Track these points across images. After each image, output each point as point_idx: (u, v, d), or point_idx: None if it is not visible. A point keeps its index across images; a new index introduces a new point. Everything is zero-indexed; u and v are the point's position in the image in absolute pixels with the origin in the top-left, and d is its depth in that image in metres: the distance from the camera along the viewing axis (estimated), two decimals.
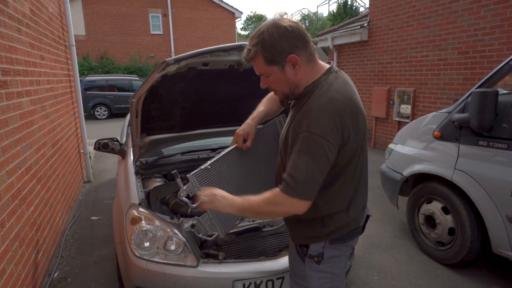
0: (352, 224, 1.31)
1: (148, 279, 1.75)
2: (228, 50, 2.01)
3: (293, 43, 1.10)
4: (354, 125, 1.13)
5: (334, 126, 1.07)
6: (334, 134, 1.08)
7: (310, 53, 1.16)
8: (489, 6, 4.70)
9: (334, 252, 1.30)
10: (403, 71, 6.30)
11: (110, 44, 17.69)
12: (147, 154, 2.67)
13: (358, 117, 1.15)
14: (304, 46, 1.13)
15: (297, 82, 1.18)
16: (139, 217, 1.88)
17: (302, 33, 1.12)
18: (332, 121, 1.07)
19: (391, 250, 3.07)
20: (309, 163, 1.08)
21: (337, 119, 1.08)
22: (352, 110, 1.13)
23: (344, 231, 1.29)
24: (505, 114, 2.28)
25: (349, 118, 1.11)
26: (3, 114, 2.04)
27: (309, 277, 1.31)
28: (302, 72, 1.16)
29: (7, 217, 1.95)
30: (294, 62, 1.13)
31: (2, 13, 2.16)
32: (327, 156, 1.08)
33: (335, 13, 24.24)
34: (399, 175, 3.13)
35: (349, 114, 1.11)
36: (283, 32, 1.09)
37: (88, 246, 3.15)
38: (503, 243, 2.32)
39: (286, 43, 1.10)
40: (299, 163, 1.09)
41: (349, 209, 1.27)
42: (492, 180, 2.34)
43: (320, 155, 1.07)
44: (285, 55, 1.11)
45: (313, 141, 1.07)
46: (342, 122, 1.09)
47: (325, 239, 1.27)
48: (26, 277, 2.17)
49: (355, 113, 1.14)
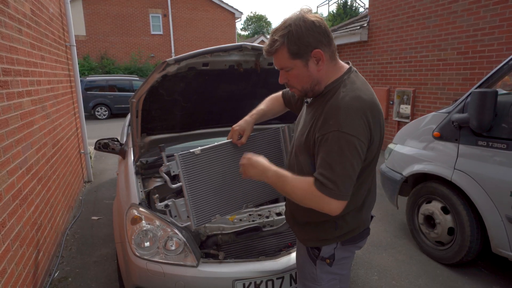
0: (362, 226, 1.32)
1: (148, 279, 1.76)
2: (228, 51, 2.01)
3: (318, 38, 1.09)
4: (378, 124, 1.12)
5: (364, 124, 1.06)
6: (364, 133, 1.07)
7: (333, 51, 1.15)
8: (489, 7, 4.71)
9: (344, 254, 1.29)
10: (403, 71, 6.30)
11: (110, 44, 17.71)
12: (147, 154, 2.68)
13: (381, 116, 1.15)
14: (329, 43, 1.12)
15: (319, 79, 1.16)
16: (139, 217, 1.89)
17: (327, 30, 1.11)
18: (362, 120, 1.06)
19: (391, 250, 3.08)
20: (344, 163, 1.05)
21: (365, 117, 1.07)
22: (376, 109, 1.13)
23: (356, 233, 1.28)
24: (504, 114, 2.29)
25: (374, 117, 1.10)
26: (4, 114, 2.04)
27: (319, 280, 1.30)
28: (324, 68, 1.15)
29: (7, 217, 1.96)
30: (319, 57, 1.11)
31: (3, 14, 2.17)
32: (359, 155, 1.07)
33: (335, 14, 24.25)
34: (399, 175, 3.13)
35: (375, 113, 1.11)
36: (311, 26, 1.08)
37: (89, 246, 3.16)
38: (502, 242, 2.33)
39: (313, 37, 1.08)
40: (333, 163, 1.06)
41: (362, 209, 1.27)
42: (491, 180, 2.34)
43: (353, 154, 1.05)
44: (310, 49, 1.10)
45: (345, 141, 1.05)
46: (370, 121, 1.08)
47: (337, 241, 1.26)
48: (26, 277, 2.17)
49: (378, 112, 1.13)
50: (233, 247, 2.00)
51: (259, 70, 2.26)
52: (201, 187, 1.57)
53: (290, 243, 2.06)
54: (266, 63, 2.27)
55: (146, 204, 2.09)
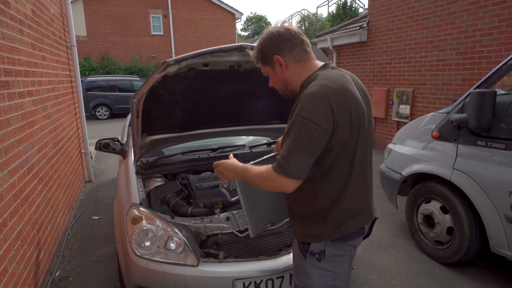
0: (354, 225, 1.30)
1: (149, 278, 1.77)
2: (229, 51, 2.02)
3: (279, 46, 1.25)
4: (344, 111, 1.15)
5: (324, 109, 1.12)
6: (323, 117, 1.12)
7: (298, 54, 1.27)
8: (487, 7, 4.72)
9: (336, 251, 1.31)
10: (402, 72, 6.32)
11: (111, 44, 17.72)
12: (148, 154, 2.69)
13: (350, 104, 1.17)
14: (290, 48, 1.25)
15: (287, 79, 1.31)
16: (140, 217, 1.90)
17: (290, 37, 1.24)
18: (322, 105, 1.12)
19: (390, 249, 3.09)
20: (297, 144, 1.13)
21: (327, 103, 1.12)
22: (344, 95, 1.16)
23: (346, 232, 1.28)
24: (503, 114, 2.30)
25: (340, 103, 1.14)
26: (5, 114, 2.05)
27: (310, 274, 1.33)
28: (290, 70, 1.28)
29: (9, 217, 1.97)
30: (279, 62, 1.27)
31: (4, 14, 2.18)
32: (315, 139, 1.12)
33: (335, 14, 24.25)
34: (398, 175, 3.15)
35: (340, 99, 1.15)
36: (271, 37, 1.26)
37: (89, 246, 3.17)
38: (501, 242, 2.34)
39: (272, 46, 1.26)
40: (290, 144, 1.15)
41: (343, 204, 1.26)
42: (490, 179, 2.36)
43: (307, 137, 1.12)
44: (271, 56, 1.27)
45: (302, 124, 1.12)
46: (333, 106, 1.12)
47: (326, 239, 1.28)
48: (27, 276, 2.18)
49: (345, 98, 1.16)
50: (233, 247, 2.01)
51: (259, 70, 2.27)
52: (255, 198, 1.64)
53: (290, 242, 2.07)
54: None
55: (147, 204, 2.10)
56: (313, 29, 28.78)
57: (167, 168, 2.72)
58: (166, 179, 2.68)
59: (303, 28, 30.84)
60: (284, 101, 2.76)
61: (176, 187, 2.36)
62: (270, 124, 3.03)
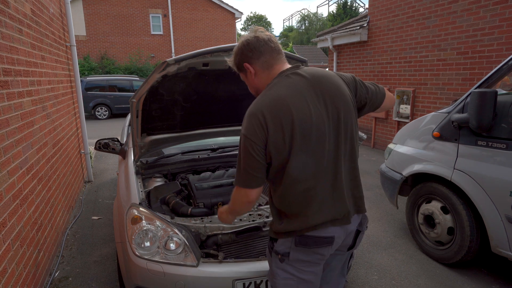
0: (317, 232, 1.26)
1: (149, 279, 1.76)
2: (229, 51, 2.01)
3: (247, 54, 1.31)
4: (278, 122, 1.20)
5: (255, 125, 1.21)
6: (254, 132, 1.21)
7: (265, 61, 1.31)
8: (488, 7, 4.71)
9: (300, 256, 1.29)
10: (403, 71, 6.31)
11: (110, 44, 17.71)
12: (148, 154, 2.68)
13: (283, 114, 1.20)
14: (258, 56, 1.31)
15: (257, 86, 1.37)
16: (140, 217, 1.89)
17: (257, 45, 1.30)
18: (253, 121, 1.22)
19: (390, 249, 3.08)
20: (240, 159, 1.27)
21: (258, 118, 1.21)
22: (276, 108, 1.21)
23: (308, 241, 1.26)
24: (504, 114, 2.29)
25: (273, 116, 1.20)
26: (4, 114, 2.05)
27: (275, 274, 1.36)
28: (258, 77, 1.34)
29: (8, 217, 1.96)
30: (249, 69, 1.33)
31: (3, 14, 2.18)
32: (251, 152, 1.23)
33: (335, 14, 24.23)
34: (399, 175, 3.14)
35: (273, 112, 1.21)
36: (241, 45, 1.33)
37: (89, 246, 3.16)
38: (502, 242, 2.33)
39: (242, 54, 1.33)
40: (238, 160, 1.29)
41: (304, 209, 1.25)
42: (491, 180, 2.35)
43: (244, 151, 1.24)
44: (241, 63, 1.34)
45: (242, 141, 1.25)
46: (265, 120, 1.20)
47: (282, 236, 1.31)
48: (27, 277, 2.18)
49: (279, 110, 1.20)
50: (233, 247, 2.00)
51: None
52: None
53: None
54: None
55: (147, 204, 2.09)
56: (314, 28, 28.77)
57: (167, 168, 2.71)
58: (166, 179, 2.68)
59: (303, 27, 30.82)
60: None
61: (176, 187, 2.36)
62: None
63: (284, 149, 1.21)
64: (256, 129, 1.21)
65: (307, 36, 28.00)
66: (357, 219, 1.38)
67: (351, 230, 1.36)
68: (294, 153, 1.21)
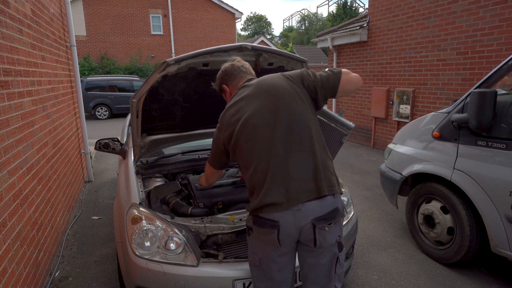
0: (265, 214, 1.40)
1: (149, 279, 1.76)
2: (228, 51, 2.02)
3: (224, 78, 1.71)
4: (226, 125, 1.55)
5: (217, 128, 1.64)
6: (217, 134, 1.64)
7: (237, 82, 1.67)
8: (488, 7, 4.71)
9: (258, 234, 1.46)
10: (403, 72, 6.31)
11: (110, 44, 17.71)
12: (148, 154, 2.68)
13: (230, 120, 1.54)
14: (232, 79, 1.69)
15: None
16: (140, 217, 1.89)
17: (232, 70, 1.68)
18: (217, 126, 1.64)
19: (390, 249, 3.08)
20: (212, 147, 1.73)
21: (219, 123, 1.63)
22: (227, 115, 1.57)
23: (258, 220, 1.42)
24: (504, 114, 2.29)
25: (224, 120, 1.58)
26: (4, 114, 2.05)
27: (248, 244, 1.57)
28: (231, 95, 1.69)
29: (8, 217, 1.96)
30: (225, 90, 1.72)
31: (4, 14, 2.18)
32: (216, 144, 1.67)
33: (335, 14, 24.24)
34: (399, 175, 3.14)
35: (224, 119, 1.59)
36: (221, 72, 1.73)
37: (89, 246, 3.17)
38: (501, 242, 2.33)
39: (221, 79, 1.72)
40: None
41: (257, 189, 1.43)
42: (491, 180, 2.35)
43: (213, 143, 1.70)
44: (221, 85, 1.73)
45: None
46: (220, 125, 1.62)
47: (249, 213, 1.51)
48: (27, 277, 2.18)
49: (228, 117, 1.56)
50: (233, 247, 2.00)
51: (259, 70, 2.27)
52: None
53: None
54: (266, 63, 2.28)
55: (147, 204, 2.09)
56: (313, 29, 28.77)
57: (167, 168, 2.71)
58: (166, 179, 2.68)
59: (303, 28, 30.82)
60: None
61: (176, 187, 2.36)
62: None
63: (232, 144, 1.52)
64: (217, 131, 1.63)
65: (307, 36, 28.01)
66: (314, 209, 1.36)
67: (306, 221, 1.36)
68: (239, 147, 1.49)
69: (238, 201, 2.25)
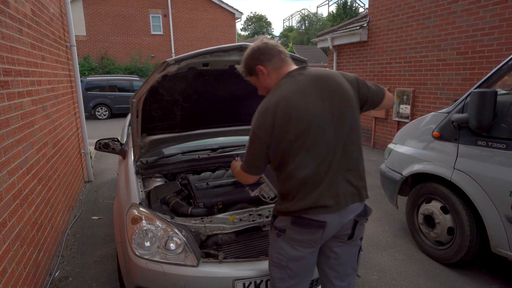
0: (311, 215, 1.39)
1: (149, 279, 1.76)
2: (229, 51, 2.01)
3: (258, 58, 1.48)
4: (285, 117, 1.35)
5: (263, 120, 1.39)
6: (261, 126, 1.39)
7: (275, 63, 1.47)
8: (488, 7, 4.71)
9: (294, 235, 1.43)
10: (403, 71, 6.31)
11: (110, 44, 17.71)
12: (148, 154, 2.68)
13: (291, 110, 1.35)
14: (269, 59, 1.47)
15: (267, 86, 1.51)
16: (140, 217, 1.89)
17: (267, 49, 1.47)
18: (261, 117, 1.39)
19: (390, 249, 3.08)
20: (247, 148, 1.49)
21: (266, 114, 1.38)
22: (283, 104, 1.36)
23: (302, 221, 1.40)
24: (504, 114, 2.29)
25: (280, 111, 1.35)
26: (4, 114, 2.05)
27: (272, 245, 1.54)
28: (270, 77, 1.49)
29: (8, 217, 1.96)
30: (261, 71, 1.48)
31: (3, 14, 2.18)
32: (255, 144, 1.43)
33: (335, 14, 24.22)
34: (399, 175, 3.14)
35: (280, 108, 1.36)
36: (252, 52, 1.50)
37: (89, 246, 3.16)
38: (502, 242, 2.33)
39: (254, 59, 1.49)
40: (246, 148, 1.53)
41: (300, 193, 1.40)
42: (491, 180, 2.35)
43: (251, 143, 1.45)
44: (254, 67, 1.49)
45: (250, 132, 1.45)
46: (272, 116, 1.36)
47: (281, 214, 1.47)
48: (27, 277, 2.18)
49: (285, 106, 1.36)
50: (233, 247, 2.00)
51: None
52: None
53: None
54: None
55: (147, 204, 2.09)
56: (314, 28, 28.76)
57: (167, 168, 2.71)
58: (166, 179, 2.68)
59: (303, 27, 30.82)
60: None
61: (176, 187, 2.36)
62: None
63: (287, 141, 1.36)
64: (263, 123, 1.38)
65: (307, 36, 27.99)
66: (356, 208, 1.47)
67: (349, 219, 1.46)
68: (294, 147, 1.36)
69: (238, 201, 2.25)
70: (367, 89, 1.55)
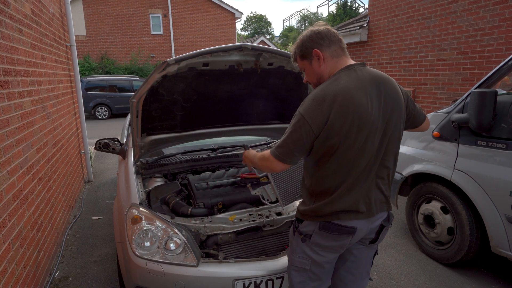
0: (341, 221, 1.36)
1: (149, 279, 1.76)
2: (229, 51, 2.01)
3: (318, 42, 1.37)
4: (343, 111, 1.25)
5: (318, 109, 1.27)
6: (314, 116, 1.27)
7: (335, 50, 1.38)
8: (488, 7, 4.71)
9: (321, 240, 1.40)
10: (403, 71, 6.31)
11: (110, 44, 17.72)
12: (148, 154, 2.68)
13: (350, 105, 1.26)
14: (328, 45, 1.37)
15: (321, 73, 1.40)
16: (140, 217, 1.89)
17: (329, 35, 1.37)
18: (318, 105, 1.27)
19: (390, 249, 3.08)
20: (287, 133, 1.34)
21: (323, 104, 1.26)
22: (344, 97, 1.26)
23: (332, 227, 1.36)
24: (504, 114, 2.29)
25: (337, 104, 1.25)
26: (4, 114, 2.05)
27: (295, 250, 1.50)
28: (325, 65, 1.39)
29: (8, 217, 1.96)
30: (318, 55, 1.37)
31: (3, 14, 2.18)
32: (300, 131, 1.29)
33: (335, 14, 24.22)
34: (399, 175, 3.14)
35: (339, 101, 1.25)
36: (311, 34, 1.39)
37: (89, 246, 3.16)
38: (502, 242, 2.33)
39: (312, 42, 1.38)
40: (285, 133, 1.36)
41: (335, 195, 1.34)
42: (491, 179, 2.35)
43: (295, 128, 1.31)
44: (310, 50, 1.38)
45: (296, 118, 1.32)
46: (329, 107, 1.25)
47: (308, 218, 1.42)
48: (27, 277, 2.18)
49: (346, 100, 1.26)
50: (233, 247, 2.00)
51: (259, 70, 2.27)
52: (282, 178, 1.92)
53: (287, 245, 2.06)
54: (266, 63, 2.28)
55: (147, 204, 2.09)
56: None
57: (167, 168, 2.71)
58: (166, 179, 2.68)
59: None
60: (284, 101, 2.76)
61: (176, 187, 2.36)
62: (270, 124, 3.03)
63: (338, 137, 1.27)
64: (317, 112, 1.26)
65: None
66: (383, 215, 1.47)
67: (376, 224, 1.45)
68: (345, 143, 1.28)
69: (238, 201, 2.25)
70: (413, 106, 1.52)
